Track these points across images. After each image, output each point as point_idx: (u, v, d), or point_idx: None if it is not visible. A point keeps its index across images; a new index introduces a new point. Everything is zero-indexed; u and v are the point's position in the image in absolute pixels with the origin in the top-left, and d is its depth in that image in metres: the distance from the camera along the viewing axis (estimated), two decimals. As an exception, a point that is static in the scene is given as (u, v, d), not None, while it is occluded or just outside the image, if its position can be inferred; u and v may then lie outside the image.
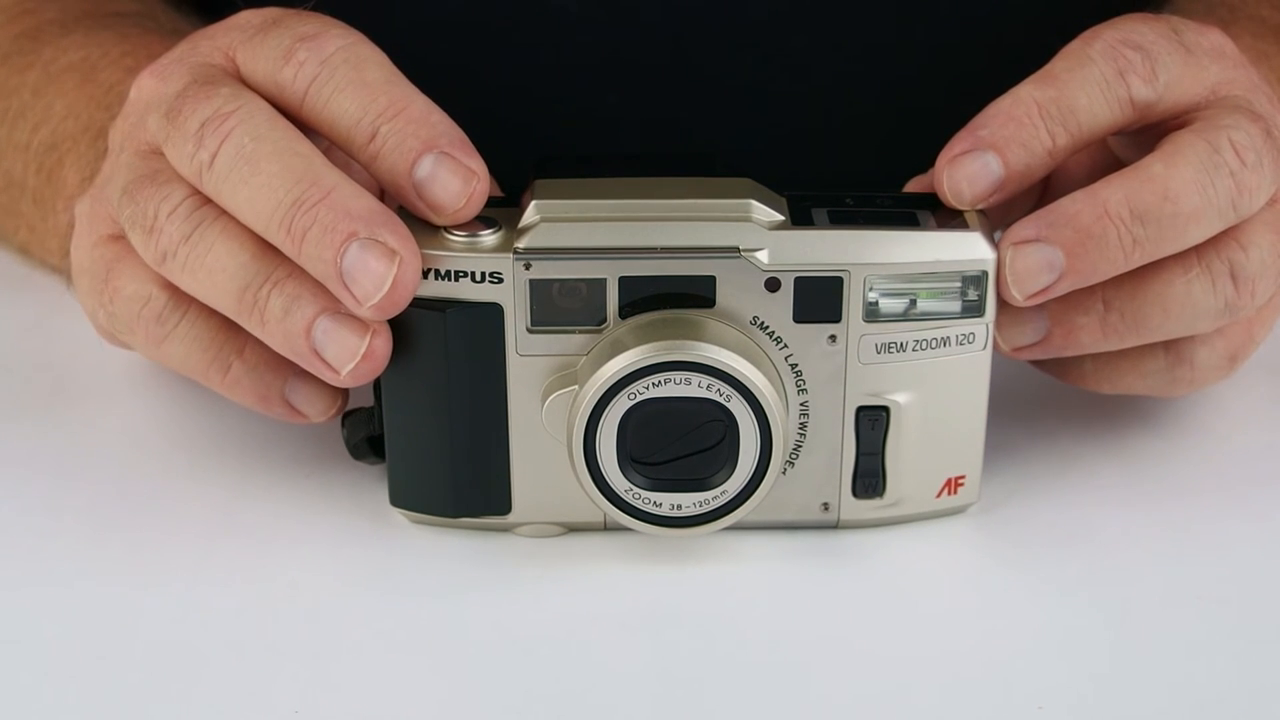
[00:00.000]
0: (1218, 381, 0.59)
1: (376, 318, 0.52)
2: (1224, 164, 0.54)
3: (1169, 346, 0.57)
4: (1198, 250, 0.55)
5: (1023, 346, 0.56)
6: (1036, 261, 0.53)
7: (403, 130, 0.53)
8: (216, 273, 0.54)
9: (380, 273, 0.51)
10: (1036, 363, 0.59)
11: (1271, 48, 0.68)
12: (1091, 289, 0.55)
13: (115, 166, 0.57)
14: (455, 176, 0.53)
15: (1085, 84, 0.54)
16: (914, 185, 0.58)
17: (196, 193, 0.54)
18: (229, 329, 0.56)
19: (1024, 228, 0.53)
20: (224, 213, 0.54)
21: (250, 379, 0.57)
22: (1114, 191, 0.53)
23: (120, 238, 0.57)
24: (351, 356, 0.53)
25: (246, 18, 0.57)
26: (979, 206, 0.54)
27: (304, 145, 0.53)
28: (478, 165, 0.53)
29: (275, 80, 0.54)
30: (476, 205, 0.53)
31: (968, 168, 0.54)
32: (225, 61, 0.56)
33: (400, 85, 0.54)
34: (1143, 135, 0.56)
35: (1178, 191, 0.53)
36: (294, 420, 0.57)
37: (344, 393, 0.58)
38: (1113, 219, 0.53)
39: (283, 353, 0.54)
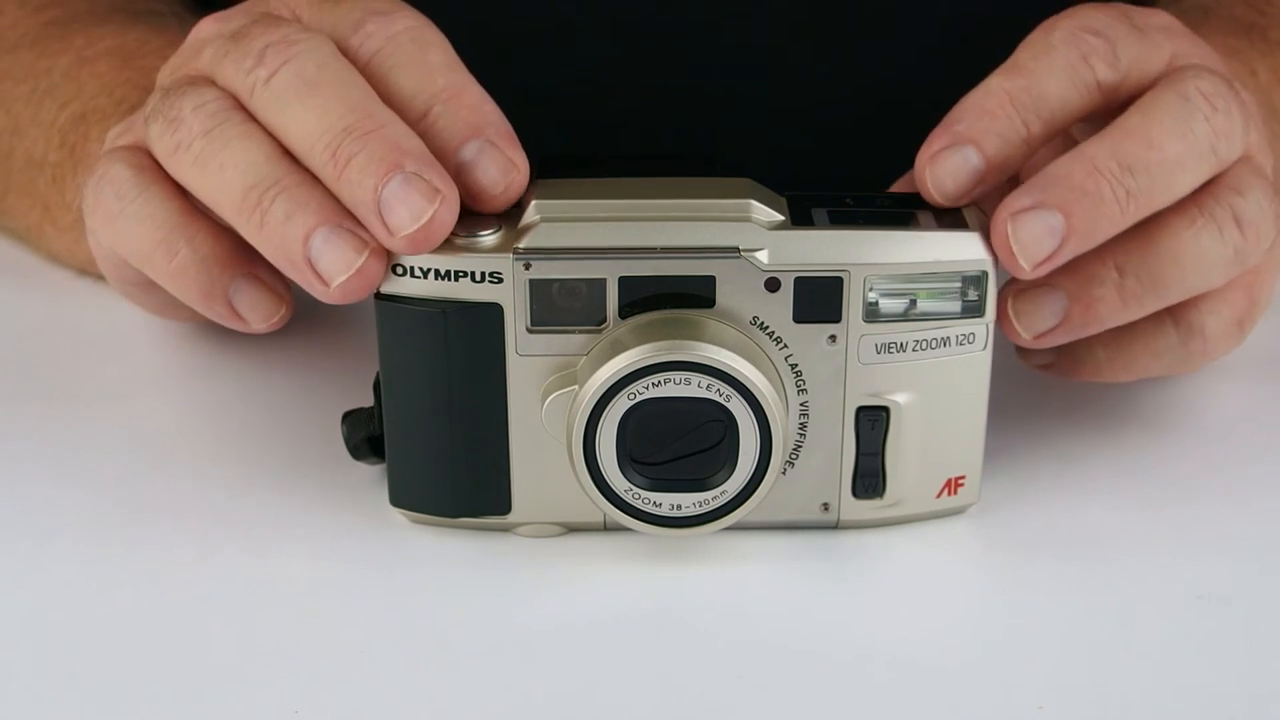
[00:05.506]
0: (1230, 351, 0.59)
1: (404, 250, 0.52)
2: (1197, 110, 0.55)
3: (1178, 320, 0.57)
4: (1197, 200, 0.55)
5: (1044, 332, 0.55)
6: (1038, 228, 0.53)
7: (454, 113, 0.54)
8: (228, 168, 0.54)
9: (419, 207, 0.51)
10: (1047, 368, 0.59)
11: (1242, 43, 0.69)
12: (1103, 258, 0.55)
13: (157, 93, 0.57)
14: (496, 165, 0.53)
15: (1052, 71, 0.55)
16: (899, 186, 0.59)
17: (230, 97, 0.55)
18: (184, 214, 0.56)
19: (1018, 198, 0.53)
20: (251, 118, 0.54)
21: (196, 269, 0.56)
22: (1100, 148, 0.54)
23: (138, 146, 0.57)
24: (345, 269, 0.52)
25: None
26: (963, 202, 0.54)
27: (364, 83, 0.54)
28: (520, 160, 0.54)
29: (340, 46, 0.55)
30: (513, 197, 0.54)
31: (948, 163, 0.54)
32: (291, 17, 0.57)
33: (459, 72, 0.55)
34: (1107, 121, 0.57)
35: (1160, 138, 0.54)
36: (233, 324, 0.57)
37: (287, 304, 0.57)
38: (1103, 173, 0.53)
39: (274, 259, 0.53)
